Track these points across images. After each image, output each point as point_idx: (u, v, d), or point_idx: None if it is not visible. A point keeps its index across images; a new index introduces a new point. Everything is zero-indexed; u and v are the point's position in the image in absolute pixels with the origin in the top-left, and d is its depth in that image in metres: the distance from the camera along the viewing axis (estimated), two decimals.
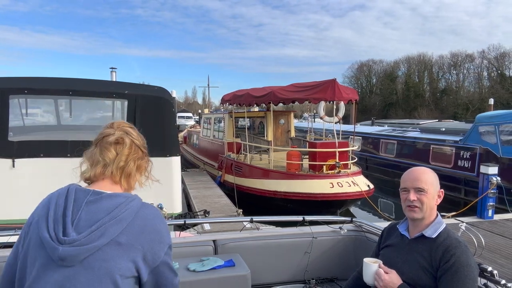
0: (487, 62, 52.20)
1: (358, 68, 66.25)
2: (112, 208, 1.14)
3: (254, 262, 2.61)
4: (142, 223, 1.16)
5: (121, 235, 1.11)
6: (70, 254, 1.08)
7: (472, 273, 1.58)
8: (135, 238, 1.13)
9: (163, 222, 1.23)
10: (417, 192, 1.72)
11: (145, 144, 1.39)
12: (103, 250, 1.09)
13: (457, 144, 11.50)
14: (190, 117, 44.00)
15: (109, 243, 1.10)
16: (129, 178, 1.29)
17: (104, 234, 1.10)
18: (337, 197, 8.48)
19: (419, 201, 1.71)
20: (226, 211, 8.25)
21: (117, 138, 1.28)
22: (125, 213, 1.14)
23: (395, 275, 1.67)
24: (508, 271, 4.92)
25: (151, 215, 1.20)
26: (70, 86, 4.66)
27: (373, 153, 15.60)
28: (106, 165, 1.25)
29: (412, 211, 1.74)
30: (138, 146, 1.34)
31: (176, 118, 5.99)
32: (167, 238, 1.22)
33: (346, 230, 2.93)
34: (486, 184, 7.49)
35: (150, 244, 1.15)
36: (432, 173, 1.77)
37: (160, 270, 1.19)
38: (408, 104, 55.33)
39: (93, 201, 1.16)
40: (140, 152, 1.34)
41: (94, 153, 1.27)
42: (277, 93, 9.88)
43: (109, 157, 1.25)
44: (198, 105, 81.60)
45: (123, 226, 1.12)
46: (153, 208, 1.23)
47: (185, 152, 18.34)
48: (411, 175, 1.77)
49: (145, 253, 1.14)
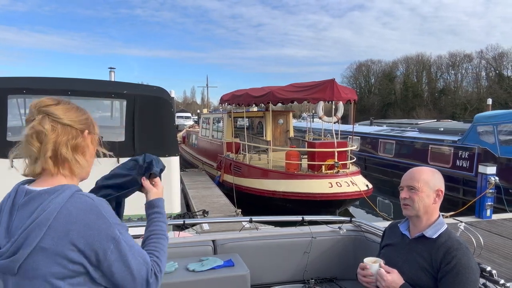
0: (485, 62, 52.34)
1: (357, 68, 66.35)
2: (34, 209, 1.02)
3: (253, 262, 2.61)
4: (68, 220, 1.00)
5: (44, 239, 0.99)
6: (3, 267, 1.01)
7: (473, 276, 1.58)
8: (61, 239, 0.99)
9: (96, 214, 1.03)
10: (409, 190, 1.75)
11: (82, 116, 1.17)
12: (30, 258, 0.99)
13: (456, 144, 11.52)
14: (189, 117, 44.00)
15: (34, 250, 0.99)
16: (67, 164, 1.11)
17: (25, 242, 0.99)
18: (336, 197, 8.49)
19: (410, 199, 1.73)
20: (225, 211, 8.24)
21: (33, 126, 1.08)
22: (45, 213, 1.00)
23: (397, 275, 1.67)
24: (506, 270, 4.93)
25: (78, 209, 1.02)
26: (68, 86, 4.65)
27: (371, 153, 15.62)
28: (36, 159, 1.09)
29: (404, 209, 1.78)
30: (68, 124, 1.11)
31: (175, 118, 5.99)
32: (106, 232, 1.03)
33: (345, 230, 2.93)
34: (484, 184, 7.50)
35: (85, 242, 1.00)
36: (430, 173, 1.77)
37: (111, 270, 1.04)
38: (407, 104, 55.39)
39: (24, 203, 1.05)
40: (73, 130, 1.12)
41: (22, 147, 1.11)
42: (276, 93, 9.89)
43: (34, 151, 1.08)
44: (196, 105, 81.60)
45: (43, 229, 0.99)
46: (83, 200, 1.05)
47: (184, 152, 18.33)
48: (408, 174, 1.80)
49: (83, 252, 1.01)
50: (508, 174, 9.58)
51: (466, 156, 11.05)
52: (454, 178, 11.08)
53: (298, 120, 30.22)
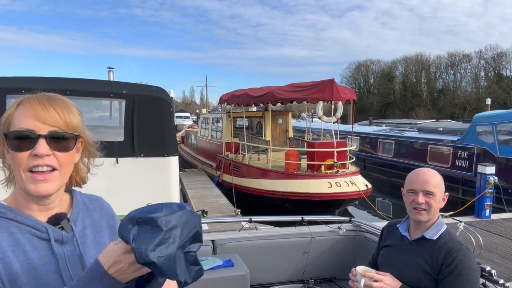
0: (484, 62, 52.43)
1: (356, 68, 66.39)
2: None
3: (252, 262, 2.61)
4: None
5: None
6: None
7: (474, 277, 1.57)
8: None
9: None
10: (425, 195, 1.68)
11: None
12: None
13: (455, 144, 11.53)
14: (188, 117, 43.94)
15: None
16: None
17: None
18: (335, 197, 8.49)
19: (427, 204, 1.67)
20: (224, 211, 8.23)
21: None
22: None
23: (390, 280, 1.64)
24: (505, 270, 4.93)
25: None
26: (67, 86, 4.64)
27: (371, 153, 15.62)
28: None
29: (418, 214, 1.70)
30: None
31: (174, 118, 5.98)
32: None
33: (344, 230, 2.93)
34: (483, 184, 7.51)
35: None
36: (439, 176, 1.74)
37: None
38: (406, 104, 55.45)
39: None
40: None
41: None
42: (275, 93, 9.88)
43: None
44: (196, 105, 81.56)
45: None
46: None
47: (183, 152, 18.30)
48: (420, 177, 1.71)
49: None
50: (507, 174, 9.59)
51: (465, 156, 11.06)
52: (453, 178, 11.09)
53: (297, 120, 30.22)
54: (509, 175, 9.64)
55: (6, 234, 0.88)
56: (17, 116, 0.89)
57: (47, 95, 0.94)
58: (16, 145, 0.87)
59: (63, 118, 0.90)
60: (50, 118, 0.88)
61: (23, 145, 0.87)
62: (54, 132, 0.88)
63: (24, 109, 0.89)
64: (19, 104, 0.91)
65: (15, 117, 0.89)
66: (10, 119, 0.90)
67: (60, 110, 0.91)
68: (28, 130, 0.87)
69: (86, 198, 1.09)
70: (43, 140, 0.87)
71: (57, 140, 0.89)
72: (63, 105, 0.92)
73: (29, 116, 0.87)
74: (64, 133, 0.90)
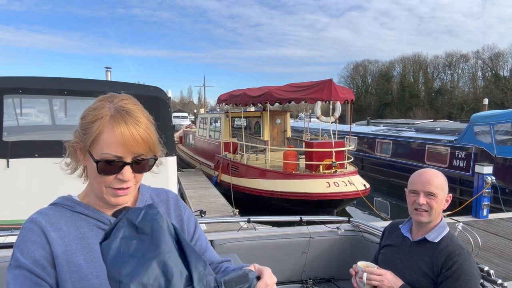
0: (482, 62, 52.55)
1: (354, 68, 66.45)
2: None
3: (251, 262, 2.60)
4: None
5: None
6: None
7: (474, 282, 1.55)
8: None
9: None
10: (427, 196, 1.66)
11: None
12: None
13: (452, 144, 11.56)
14: (186, 117, 43.90)
15: None
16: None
17: None
18: (334, 197, 8.50)
19: (428, 205, 1.66)
20: (222, 211, 8.23)
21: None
22: None
23: (390, 276, 1.64)
24: (503, 270, 4.94)
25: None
26: (65, 85, 4.62)
27: (369, 153, 15.65)
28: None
29: (419, 215, 1.68)
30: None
31: (172, 117, 5.97)
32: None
33: (343, 230, 2.93)
34: (481, 184, 7.53)
35: None
36: (443, 177, 1.72)
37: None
38: (403, 104, 55.55)
39: None
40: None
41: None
42: (274, 93, 9.88)
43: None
44: (193, 105, 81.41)
45: None
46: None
47: (181, 152, 18.28)
48: (423, 177, 1.69)
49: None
50: (504, 174, 9.62)
51: (463, 156, 11.09)
52: (451, 178, 11.10)
53: (296, 120, 30.24)
54: (507, 175, 9.68)
55: (73, 228, 0.96)
56: (106, 139, 0.91)
57: (130, 114, 0.93)
58: (103, 168, 0.92)
59: (147, 144, 0.94)
60: (137, 147, 0.92)
61: (110, 169, 0.92)
62: (138, 158, 0.94)
63: (113, 135, 0.90)
64: (108, 123, 0.91)
65: (103, 139, 0.91)
66: (98, 138, 0.92)
67: (144, 134, 0.93)
68: (116, 156, 0.91)
69: (153, 192, 1.15)
70: (128, 167, 0.93)
71: (139, 163, 0.95)
72: (145, 126, 0.94)
73: (118, 144, 0.90)
74: (147, 158, 0.96)
